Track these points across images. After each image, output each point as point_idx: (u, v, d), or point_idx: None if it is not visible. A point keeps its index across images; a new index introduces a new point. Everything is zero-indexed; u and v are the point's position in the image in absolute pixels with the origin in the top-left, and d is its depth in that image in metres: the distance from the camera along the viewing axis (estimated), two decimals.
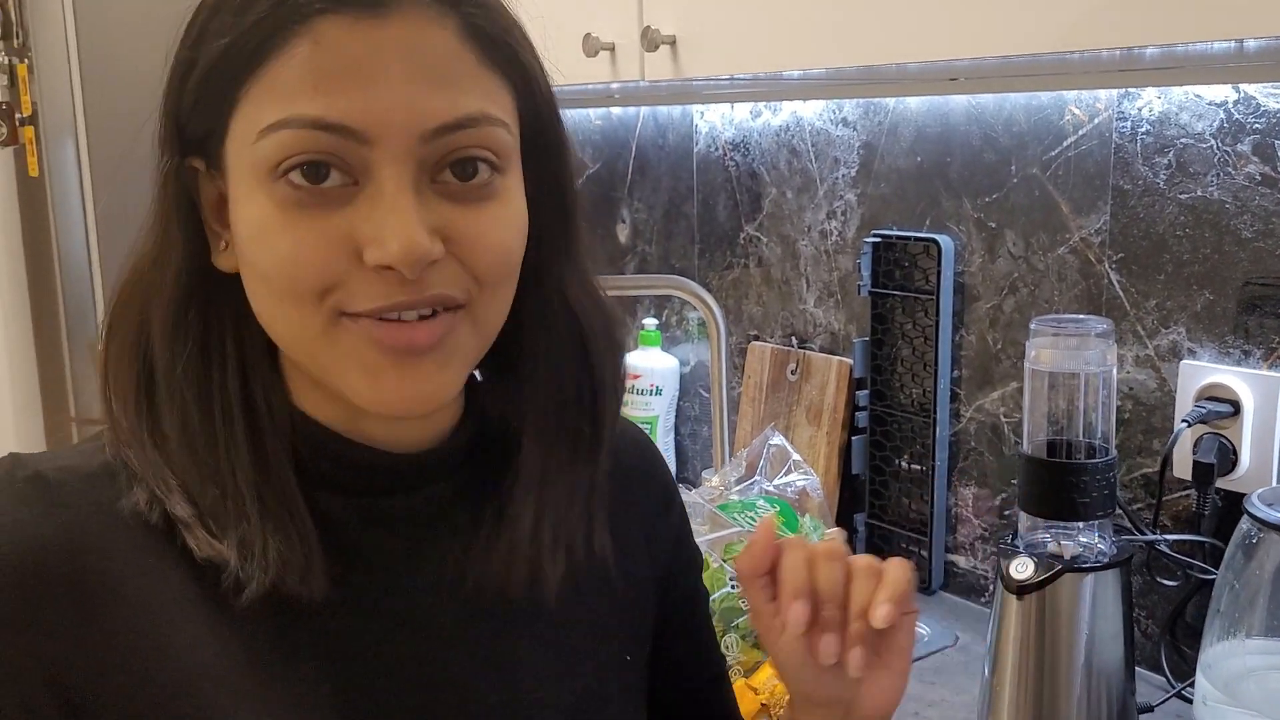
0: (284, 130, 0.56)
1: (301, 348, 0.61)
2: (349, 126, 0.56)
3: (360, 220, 0.57)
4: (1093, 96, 1.22)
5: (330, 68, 0.56)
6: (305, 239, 0.57)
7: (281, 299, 0.59)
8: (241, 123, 0.58)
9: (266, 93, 0.56)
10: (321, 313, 0.58)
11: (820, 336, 1.60)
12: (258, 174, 0.57)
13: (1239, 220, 1.11)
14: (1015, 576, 1.08)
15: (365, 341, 0.59)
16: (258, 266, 0.59)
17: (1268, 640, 0.99)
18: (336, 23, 0.56)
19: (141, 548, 0.60)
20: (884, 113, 1.46)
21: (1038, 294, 1.31)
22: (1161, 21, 0.86)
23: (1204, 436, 1.14)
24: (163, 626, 0.60)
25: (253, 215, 0.58)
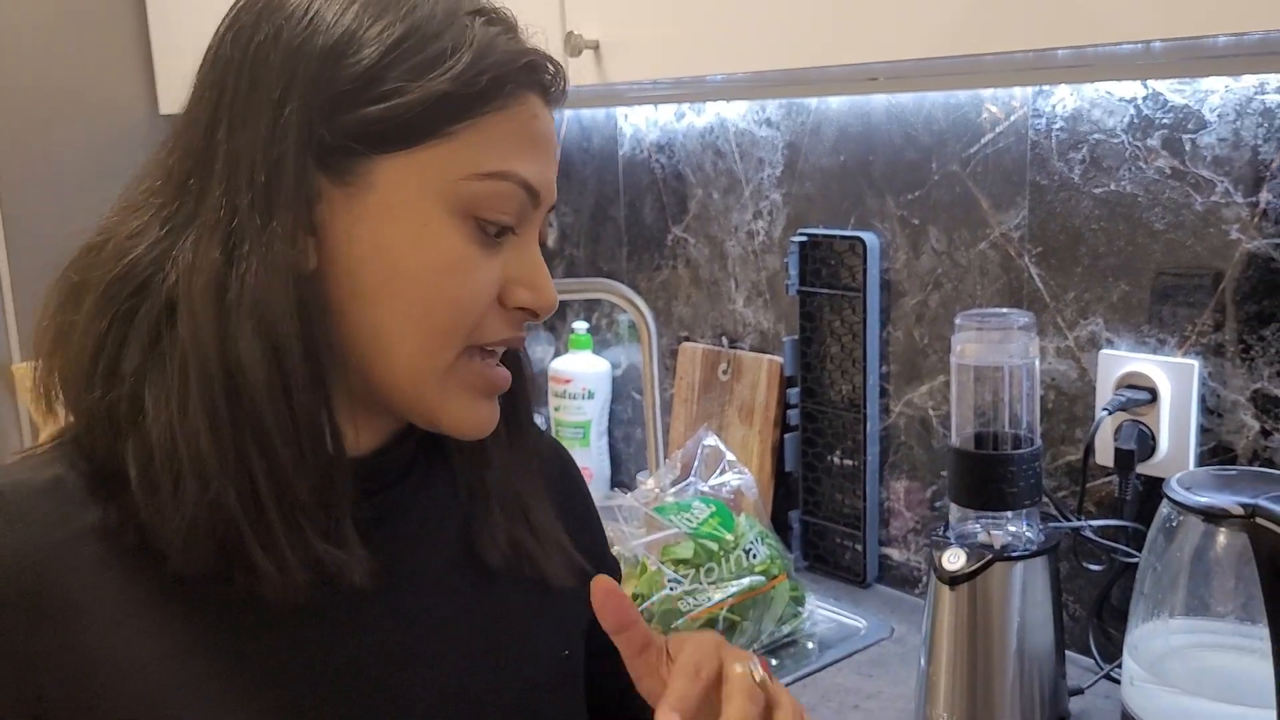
0: (503, 181, 0.63)
1: (418, 375, 0.64)
2: (539, 192, 0.66)
3: (511, 266, 0.66)
4: (1008, 94, 1.25)
5: (537, 139, 0.65)
6: (485, 279, 0.64)
7: (434, 330, 0.63)
8: (443, 155, 0.62)
9: (484, 140, 0.63)
10: (458, 348, 0.64)
11: (750, 336, 1.62)
12: (450, 205, 0.63)
13: (1151, 213, 1.15)
14: (947, 567, 1.10)
15: (479, 376, 0.66)
16: (426, 294, 0.63)
17: (1190, 619, 1.02)
18: (539, 101, 0.66)
19: (103, 562, 0.60)
20: (806, 113, 1.47)
21: (961, 289, 1.33)
22: (1071, 25, 0.88)
23: (1124, 424, 1.18)
24: (130, 640, 0.60)
25: (440, 244, 0.62)
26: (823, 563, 1.54)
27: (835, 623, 1.40)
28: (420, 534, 0.72)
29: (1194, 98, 1.10)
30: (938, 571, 1.11)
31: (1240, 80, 1.07)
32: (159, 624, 0.60)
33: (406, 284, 0.62)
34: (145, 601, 0.61)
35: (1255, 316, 1.08)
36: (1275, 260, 1.06)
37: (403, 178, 0.62)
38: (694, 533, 1.29)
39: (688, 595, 1.24)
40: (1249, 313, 1.09)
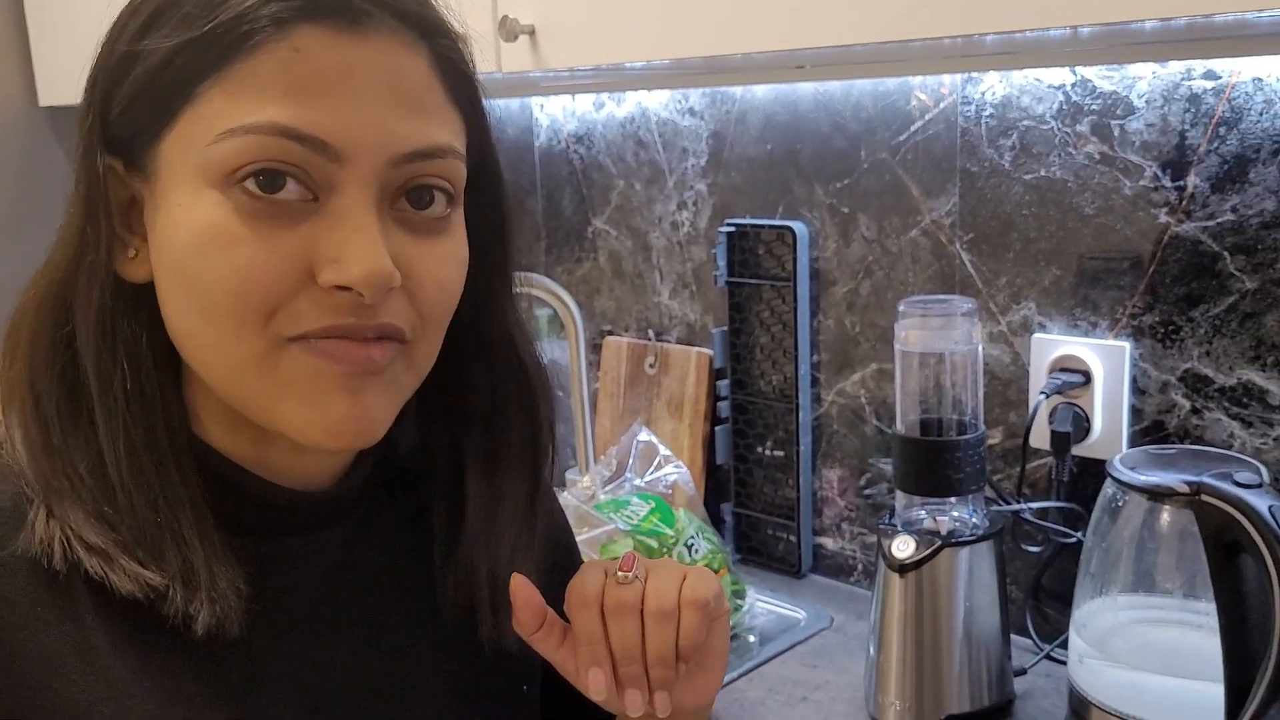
0: (250, 135, 0.53)
1: (233, 374, 0.56)
2: (323, 140, 0.53)
3: (318, 238, 0.54)
4: (937, 81, 1.26)
5: (307, 77, 0.53)
6: (257, 253, 0.53)
7: (221, 318, 0.55)
8: (194, 122, 0.54)
9: (230, 94, 0.53)
10: (265, 337, 0.55)
11: (676, 328, 1.60)
12: (208, 178, 0.54)
13: (1080, 198, 1.16)
14: (897, 555, 1.10)
15: (314, 361, 0.55)
16: (198, 280, 0.54)
17: (1135, 596, 1.04)
18: (315, 33, 0.54)
19: (34, 597, 0.55)
20: (731, 101, 1.46)
21: (893, 276, 1.34)
22: (999, 10, 0.88)
23: (1059, 407, 1.19)
24: (60, 682, 0.55)
25: (197, 223, 0.54)
26: (756, 554, 1.53)
27: (774, 615, 1.39)
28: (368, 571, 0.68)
29: (1122, 84, 1.12)
30: (887, 560, 1.11)
31: (1167, 66, 1.09)
32: (94, 665, 0.56)
33: (181, 273, 0.55)
34: (79, 640, 0.56)
35: (1184, 298, 1.11)
36: (1203, 243, 1.09)
37: (171, 156, 0.55)
38: (635, 529, 1.27)
39: None
40: (1178, 294, 1.11)
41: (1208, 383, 1.11)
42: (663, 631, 0.64)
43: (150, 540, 0.56)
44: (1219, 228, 1.08)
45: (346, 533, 0.67)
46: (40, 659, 0.55)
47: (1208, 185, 1.08)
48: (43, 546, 0.55)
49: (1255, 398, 1.08)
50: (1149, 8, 0.83)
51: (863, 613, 1.37)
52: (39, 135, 1.99)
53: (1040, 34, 0.94)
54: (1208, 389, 1.11)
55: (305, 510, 0.64)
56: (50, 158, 2.00)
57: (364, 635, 0.66)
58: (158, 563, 0.56)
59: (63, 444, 0.56)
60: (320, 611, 0.65)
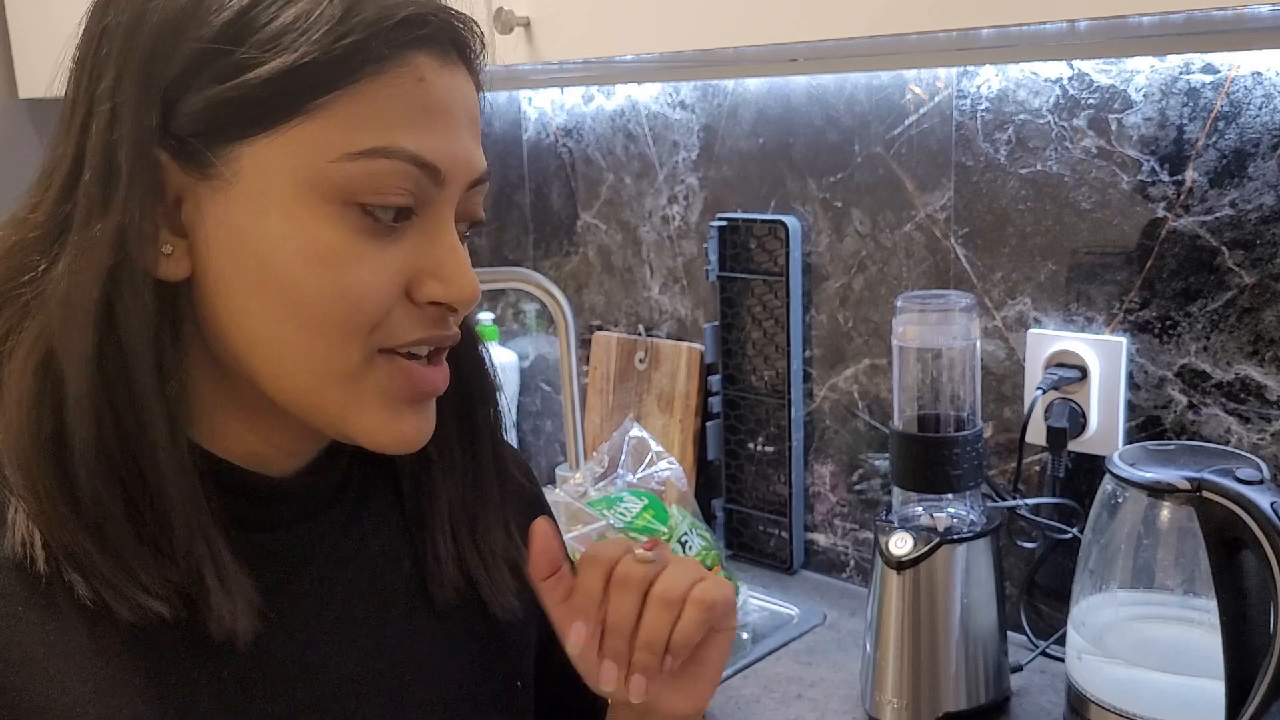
0: (384, 159, 0.55)
1: (319, 382, 0.57)
2: (438, 167, 0.56)
3: (418, 255, 0.57)
4: (932, 75, 1.25)
5: (428, 106, 0.56)
6: (370, 273, 0.56)
7: (324, 331, 0.56)
8: (308, 135, 0.54)
9: (353, 114, 0.54)
10: (364, 348, 0.57)
11: (667, 323, 1.59)
12: (324, 193, 0.55)
13: (1077, 192, 1.16)
14: (895, 552, 1.09)
15: (397, 380, 0.58)
16: (304, 294, 0.55)
17: (1134, 593, 1.03)
18: (430, 63, 0.56)
19: (14, 597, 0.54)
20: (723, 95, 1.45)
21: (886, 271, 1.33)
22: (995, 4, 0.88)
23: (1054, 402, 1.19)
24: (46, 686, 0.54)
25: (310, 238, 0.55)
26: (747, 550, 1.52)
27: (767, 612, 1.38)
28: (359, 565, 0.67)
29: (1119, 78, 1.11)
30: (884, 556, 1.10)
31: (1165, 60, 1.08)
32: (78, 666, 0.55)
33: (283, 284, 0.55)
34: (62, 641, 0.55)
35: (1182, 293, 1.11)
36: (1201, 238, 1.08)
37: (268, 164, 0.54)
38: (628, 526, 1.25)
39: None
40: (1175, 289, 1.11)
41: (1205, 378, 1.10)
42: (659, 617, 0.64)
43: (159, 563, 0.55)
44: (1217, 222, 1.07)
45: (337, 523, 0.66)
46: (22, 662, 0.54)
47: (1206, 180, 1.07)
48: (25, 548, 0.54)
49: (1253, 393, 1.08)
50: (1146, 2, 0.82)
51: (855, 609, 1.36)
52: (18, 127, 1.96)
53: (1037, 27, 0.93)
54: (1205, 384, 1.11)
55: (293, 499, 0.64)
56: (30, 150, 1.97)
57: (359, 628, 0.65)
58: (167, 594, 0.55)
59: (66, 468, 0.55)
60: (315, 605, 0.64)
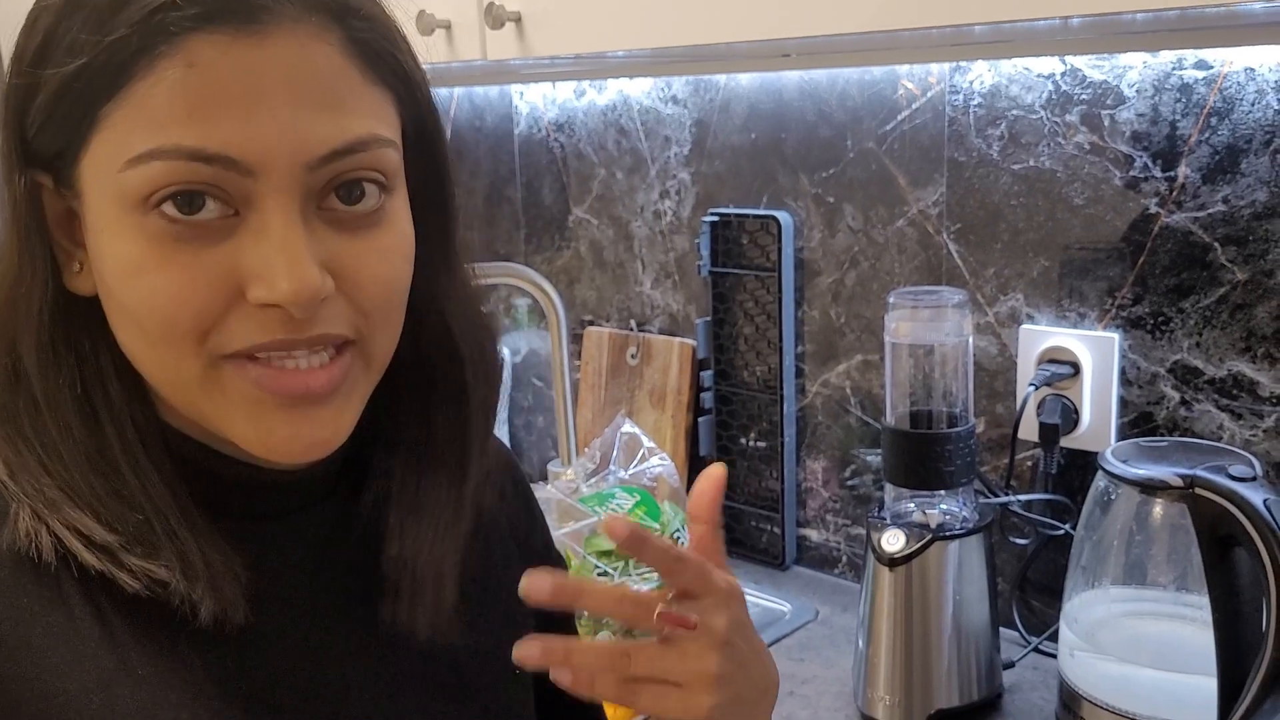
0: (156, 161, 0.51)
1: (179, 393, 0.56)
2: (230, 157, 0.51)
3: (243, 255, 0.53)
4: (925, 70, 1.24)
5: (207, 92, 0.50)
6: (182, 277, 0.52)
7: (155, 342, 0.54)
8: (103, 147, 0.52)
9: (133, 118, 0.51)
10: (200, 357, 0.54)
11: (659, 318, 1.58)
12: (124, 205, 0.52)
13: (1070, 188, 1.16)
14: (887, 549, 1.09)
15: (253, 387, 0.55)
16: (128, 306, 0.54)
17: (1126, 589, 1.03)
18: (211, 42, 0.50)
19: (18, 588, 0.55)
20: (715, 90, 1.44)
21: (879, 267, 1.33)
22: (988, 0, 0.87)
23: (1047, 398, 1.19)
24: (50, 675, 0.54)
25: (121, 251, 0.53)
26: (739, 546, 1.52)
27: (759, 607, 1.38)
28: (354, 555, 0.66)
29: (1112, 73, 1.11)
30: (876, 553, 1.10)
31: (1158, 56, 1.08)
32: (83, 655, 0.55)
33: (110, 296, 0.55)
34: (67, 631, 0.55)
35: (1174, 289, 1.10)
36: (1194, 234, 1.08)
37: (91, 180, 0.53)
38: None
39: None
40: (1168, 285, 1.11)
41: (1197, 374, 1.10)
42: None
43: (144, 537, 0.55)
44: (1210, 218, 1.07)
45: (330, 514, 0.66)
46: (25, 650, 0.54)
47: (1199, 176, 1.07)
48: (29, 540, 0.55)
49: (1245, 389, 1.08)
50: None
51: (848, 605, 1.36)
52: None
53: (1030, 23, 0.93)
54: (1197, 380, 1.11)
55: (287, 490, 0.63)
56: None
57: (354, 617, 0.65)
58: (156, 558, 0.55)
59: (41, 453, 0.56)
60: (311, 595, 0.64)
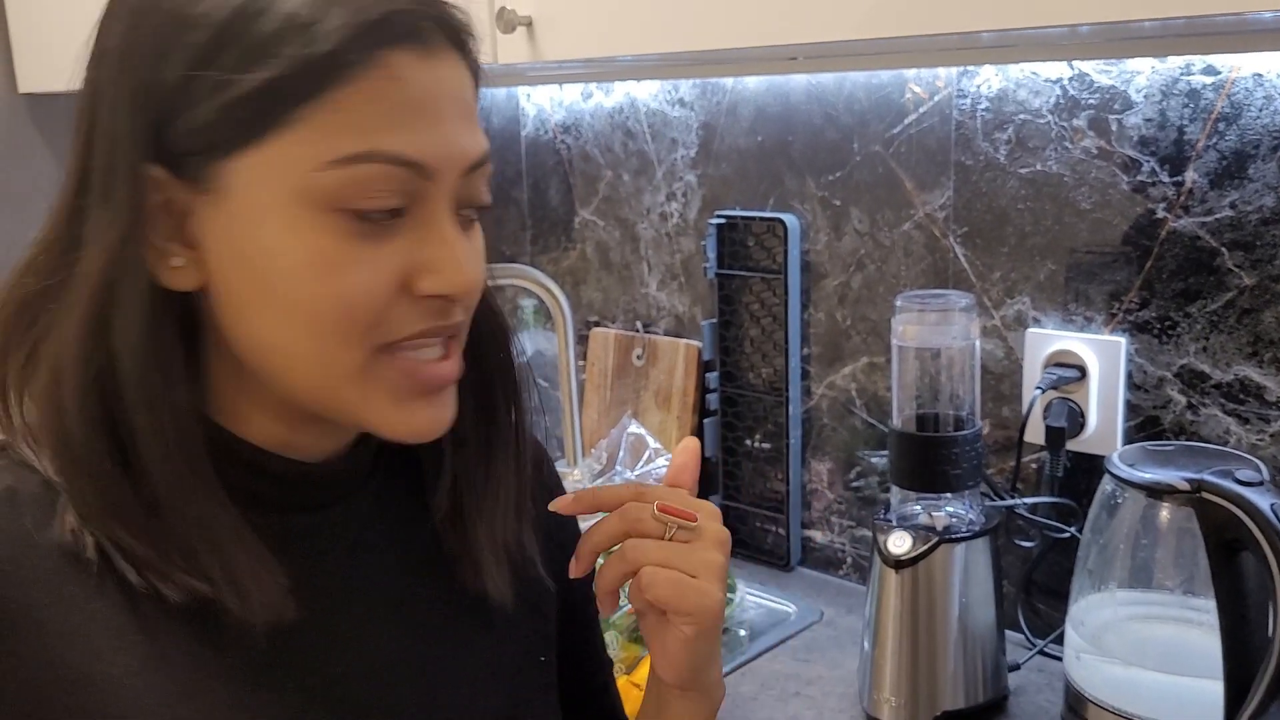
0: (363, 164, 0.55)
1: (329, 383, 0.59)
2: (422, 163, 0.56)
3: (412, 250, 0.58)
4: (932, 74, 1.25)
5: (404, 103, 0.56)
6: (365, 274, 0.56)
7: (327, 335, 0.57)
8: (289, 147, 0.55)
9: (332, 121, 0.55)
10: (364, 348, 0.58)
11: (664, 320, 1.59)
12: (311, 201, 0.55)
13: (1077, 192, 1.16)
14: (893, 551, 1.09)
15: (405, 375, 0.59)
16: (305, 300, 0.56)
17: (1132, 593, 1.03)
18: (403, 59, 0.56)
19: (62, 576, 0.56)
20: (722, 93, 1.45)
21: (885, 270, 1.33)
22: (996, 7, 0.88)
23: (1053, 401, 1.19)
24: (90, 659, 0.56)
25: (304, 246, 0.56)
26: (744, 547, 1.53)
27: (764, 609, 1.38)
28: (386, 547, 0.69)
29: (1120, 78, 1.11)
30: (883, 555, 1.10)
31: (1166, 61, 1.08)
32: (124, 640, 0.57)
33: (283, 292, 0.56)
34: (111, 617, 0.57)
35: (1181, 294, 1.11)
36: (1201, 239, 1.09)
37: (256, 177, 0.55)
38: None
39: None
40: (1175, 290, 1.11)
41: (1204, 379, 1.11)
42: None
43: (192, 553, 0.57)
44: (1217, 224, 1.07)
45: (364, 507, 0.68)
46: (70, 636, 0.56)
47: (1206, 181, 1.07)
48: (76, 537, 0.56)
49: (1252, 394, 1.08)
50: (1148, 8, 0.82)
51: (852, 606, 1.36)
52: (18, 122, 1.95)
53: (1038, 29, 0.93)
54: (1204, 385, 1.11)
55: (322, 483, 0.65)
56: (29, 145, 1.96)
57: (389, 609, 0.67)
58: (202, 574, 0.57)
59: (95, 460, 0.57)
60: (346, 586, 0.65)
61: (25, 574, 0.56)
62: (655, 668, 0.73)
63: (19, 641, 0.55)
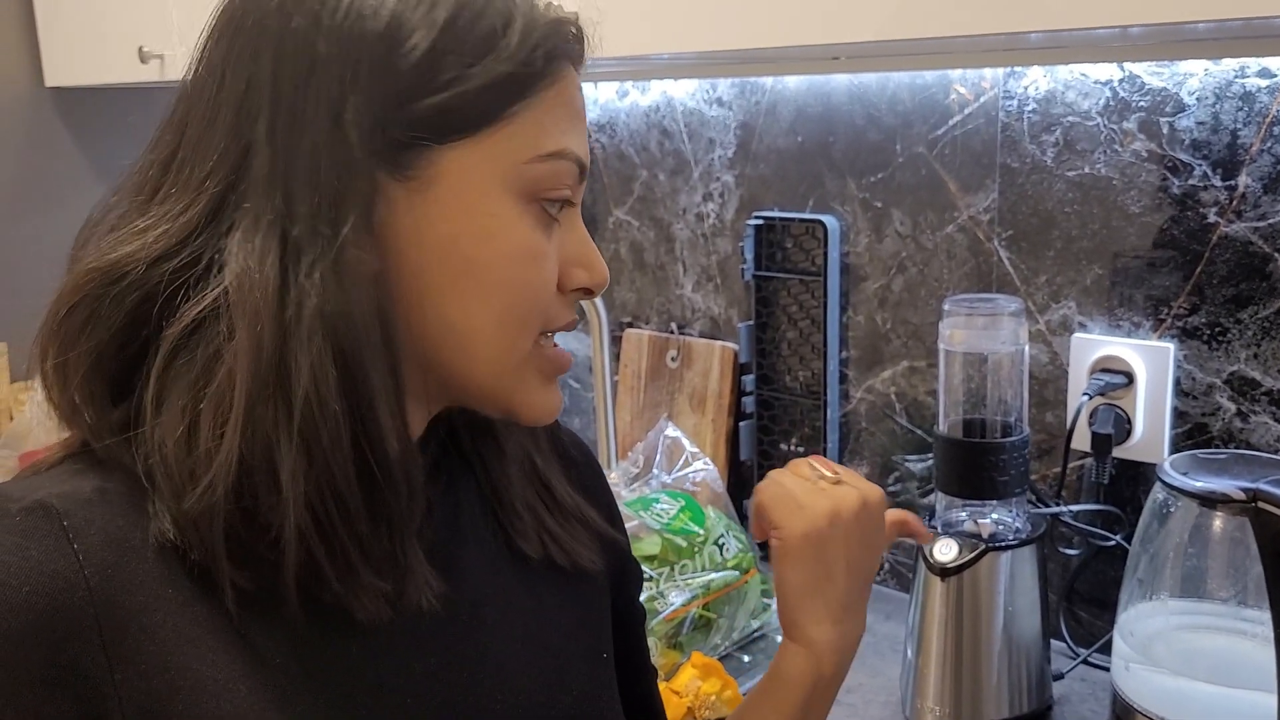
0: (560, 161, 0.60)
1: (499, 366, 0.62)
2: (586, 166, 0.63)
3: (565, 246, 0.62)
4: (978, 75, 1.23)
5: (576, 110, 0.62)
6: (551, 264, 0.61)
7: (512, 321, 0.60)
8: (504, 140, 0.58)
9: (538, 120, 0.59)
10: (533, 334, 0.62)
11: (700, 321, 1.58)
12: (518, 191, 0.59)
13: (1126, 196, 1.14)
14: (939, 559, 1.08)
15: (548, 361, 0.64)
16: (504, 284, 0.59)
17: (1183, 602, 1.02)
18: (572, 70, 0.62)
19: (162, 578, 0.55)
20: (761, 92, 1.43)
21: (927, 273, 1.32)
22: (1045, 7, 0.86)
23: (1100, 408, 1.17)
24: (196, 661, 0.55)
25: (516, 235, 0.60)
26: None
27: None
28: (464, 535, 0.69)
29: (1172, 80, 1.10)
30: (928, 563, 1.09)
31: (1220, 64, 1.07)
32: (230, 642, 0.56)
33: (483, 278, 0.59)
34: (212, 619, 0.56)
35: (1232, 299, 1.09)
36: (1254, 243, 1.07)
37: (468, 167, 0.58)
38: (665, 528, 1.25)
39: (662, 594, 1.20)
40: (1226, 295, 1.09)
41: (1255, 385, 1.09)
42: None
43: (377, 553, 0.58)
44: (1271, 229, 1.06)
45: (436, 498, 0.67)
46: (176, 639, 0.55)
47: (1260, 185, 1.06)
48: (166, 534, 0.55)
49: None
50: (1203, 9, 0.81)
51: (890, 613, 1.35)
52: (44, 115, 1.95)
53: (1088, 30, 0.92)
54: (1254, 392, 1.09)
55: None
56: (55, 138, 1.96)
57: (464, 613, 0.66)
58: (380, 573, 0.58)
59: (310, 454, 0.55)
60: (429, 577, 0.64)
61: (128, 576, 0.54)
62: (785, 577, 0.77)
63: (140, 654, 0.54)
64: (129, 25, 1.65)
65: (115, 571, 0.54)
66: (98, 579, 0.53)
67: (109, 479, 0.56)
